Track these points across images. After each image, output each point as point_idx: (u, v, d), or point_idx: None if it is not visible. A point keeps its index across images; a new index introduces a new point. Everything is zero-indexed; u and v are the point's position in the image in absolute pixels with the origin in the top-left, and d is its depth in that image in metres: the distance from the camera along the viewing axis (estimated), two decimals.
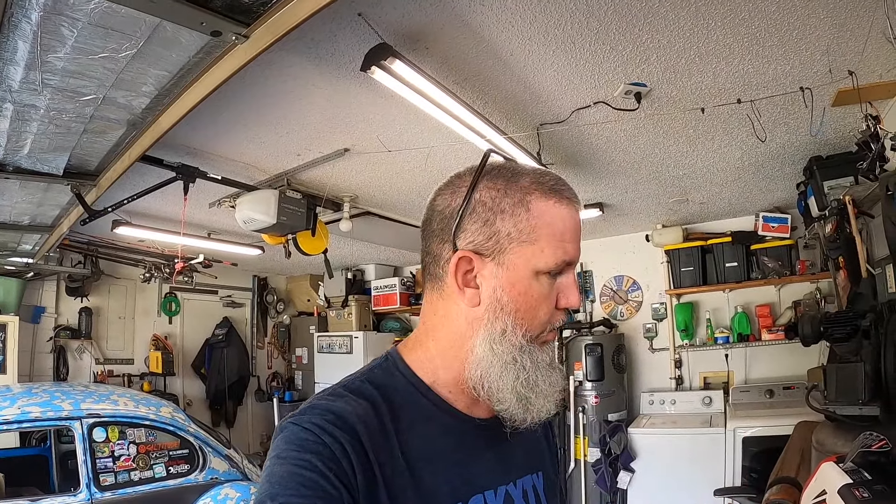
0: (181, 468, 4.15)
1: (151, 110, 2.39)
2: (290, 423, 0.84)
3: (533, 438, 1.08)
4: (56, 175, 3.07)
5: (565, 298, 0.92)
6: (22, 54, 1.95)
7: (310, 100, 2.89)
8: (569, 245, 0.90)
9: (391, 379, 0.94)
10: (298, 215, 3.96)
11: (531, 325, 0.90)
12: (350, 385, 0.92)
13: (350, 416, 0.84)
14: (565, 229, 0.90)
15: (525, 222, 0.89)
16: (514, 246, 0.89)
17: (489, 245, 0.89)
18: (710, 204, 5.12)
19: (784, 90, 2.86)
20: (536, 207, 0.89)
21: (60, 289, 6.30)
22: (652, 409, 5.66)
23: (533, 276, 0.89)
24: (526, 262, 0.89)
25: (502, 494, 0.95)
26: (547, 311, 0.91)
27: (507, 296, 0.90)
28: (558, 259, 0.89)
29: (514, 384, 0.89)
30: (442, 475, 0.89)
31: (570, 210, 0.91)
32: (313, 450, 0.79)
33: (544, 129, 3.25)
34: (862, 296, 3.05)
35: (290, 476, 0.77)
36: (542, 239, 0.88)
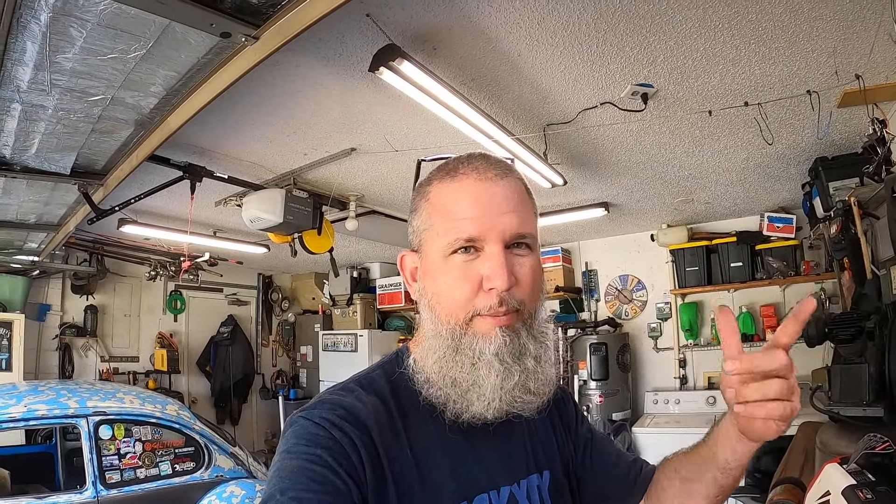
0: (187, 466, 4.16)
1: (160, 110, 2.40)
2: (300, 418, 0.85)
3: (539, 435, 1.07)
4: (63, 174, 3.07)
5: (486, 279, 0.87)
6: (31, 55, 1.95)
7: (318, 100, 2.90)
8: (464, 222, 0.87)
9: (400, 375, 0.94)
10: (305, 214, 3.97)
11: (451, 309, 0.89)
12: (361, 381, 0.93)
13: (360, 412, 0.85)
14: (457, 204, 0.88)
15: (426, 213, 0.93)
16: (424, 236, 0.93)
17: (415, 241, 0.96)
18: (716, 204, 5.12)
19: (791, 92, 2.87)
20: (434, 195, 0.92)
21: (66, 287, 6.32)
22: (656, 408, 5.67)
23: (441, 259, 0.89)
24: (432, 249, 0.91)
25: (506, 494, 0.94)
26: (464, 293, 0.87)
27: (424, 282, 0.94)
28: (451, 238, 0.88)
29: (430, 368, 0.91)
30: (448, 473, 0.89)
31: (463, 183, 0.89)
32: (323, 444, 0.80)
33: (551, 129, 3.26)
34: (866, 297, 3.05)
35: (300, 470, 0.77)
36: (436, 223, 0.91)
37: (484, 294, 0.87)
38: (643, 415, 5.67)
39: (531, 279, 0.90)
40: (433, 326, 0.91)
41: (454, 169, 0.91)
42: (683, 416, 5.37)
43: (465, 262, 0.88)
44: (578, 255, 6.56)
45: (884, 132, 2.63)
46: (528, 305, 0.90)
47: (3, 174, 3.01)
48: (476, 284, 0.87)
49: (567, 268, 6.36)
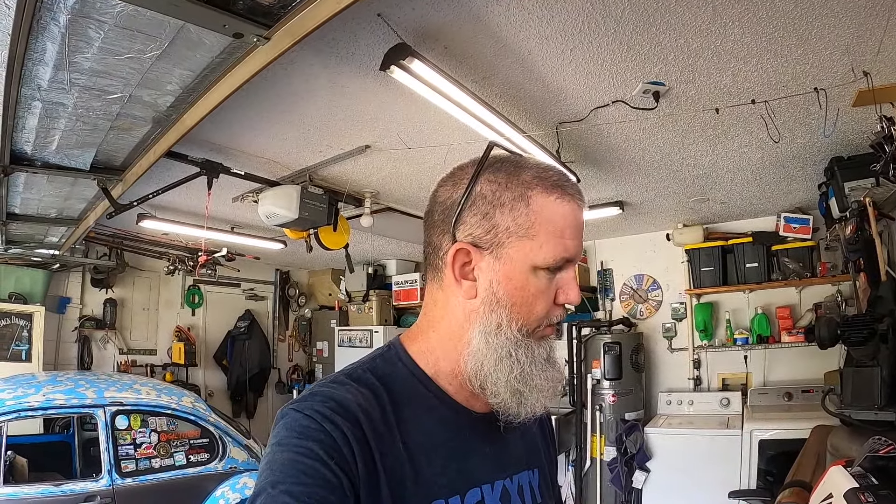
0: (201, 457, 4.23)
1: (176, 108, 2.44)
2: (291, 410, 0.84)
3: (530, 434, 1.09)
4: (83, 170, 3.13)
5: (564, 294, 0.91)
6: (50, 55, 1.99)
7: (331, 98, 2.93)
8: (569, 241, 0.89)
9: (393, 369, 0.94)
10: (320, 210, 4.01)
11: (527, 320, 0.90)
12: (352, 373, 0.92)
13: (352, 405, 0.84)
14: (566, 226, 0.89)
15: (524, 217, 0.88)
16: (513, 240, 0.88)
17: (487, 238, 0.89)
18: (731, 204, 5.09)
19: (803, 90, 2.84)
20: (537, 202, 0.89)
21: (86, 280, 6.41)
22: (669, 409, 5.65)
23: (530, 270, 0.89)
24: (524, 257, 0.88)
25: (499, 489, 0.95)
26: (544, 307, 0.91)
27: (502, 289, 0.89)
28: (557, 255, 0.88)
29: (508, 378, 0.89)
30: (440, 467, 0.89)
31: (571, 206, 0.90)
32: (314, 437, 0.79)
33: (563, 127, 3.26)
34: (882, 299, 3.01)
35: (291, 463, 0.77)
36: (540, 234, 0.88)
37: (555, 307, 0.92)
38: (656, 415, 5.65)
39: None
40: (500, 334, 0.90)
41: (560, 185, 0.91)
42: (697, 418, 5.35)
43: (550, 277, 0.90)
44: (594, 253, 6.56)
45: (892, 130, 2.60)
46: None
47: (25, 169, 3.07)
48: (552, 298, 0.91)
49: (582, 267, 6.35)
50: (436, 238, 0.95)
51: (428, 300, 0.99)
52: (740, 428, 4.78)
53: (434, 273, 0.96)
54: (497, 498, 0.93)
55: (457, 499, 0.88)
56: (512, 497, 0.96)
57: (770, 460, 4.49)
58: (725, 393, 5.46)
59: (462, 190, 0.91)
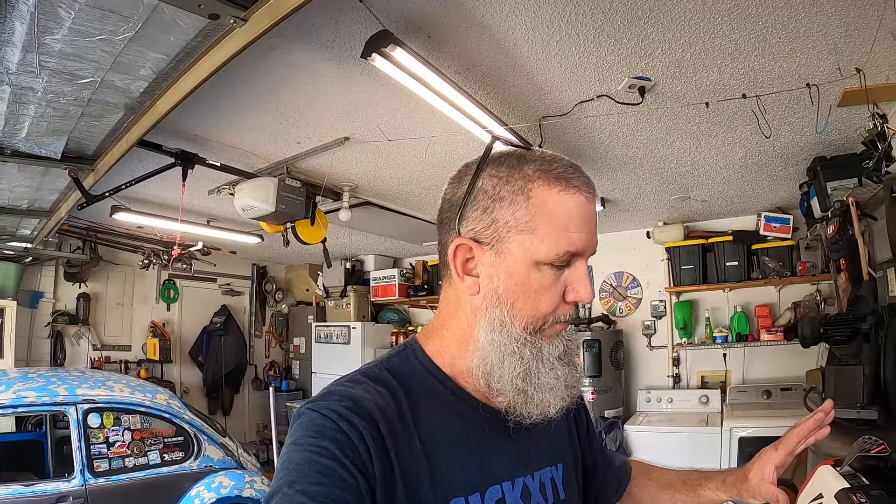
0: (176, 455, 4.16)
1: (149, 94, 2.37)
2: (307, 410, 0.83)
3: (557, 430, 1.07)
4: (54, 159, 3.04)
5: (574, 292, 0.89)
6: (19, 35, 1.93)
7: (311, 87, 2.86)
8: (575, 235, 0.86)
9: (410, 367, 0.94)
10: (297, 204, 3.94)
11: (532, 317, 0.88)
12: (369, 372, 0.92)
13: (368, 404, 0.83)
14: (570, 218, 0.86)
15: (524, 210, 0.86)
16: (513, 235, 0.87)
17: (488, 233, 0.88)
18: (712, 202, 5.11)
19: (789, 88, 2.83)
20: (538, 195, 0.86)
21: (59, 274, 6.30)
22: (649, 406, 5.67)
23: (532, 266, 0.86)
24: (524, 252, 0.86)
25: (520, 486, 0.94)
26: (550, 303, 0.88)
27: (503, 285, 0.88)
28: (560, 250, 0.85)
29: (512, 376, 0.88)
30: (459, 465, 0.88)
31: (577, 198, 0.87)
32: (331, 437, 0.79)
33: (546, 121, 3.23)
34: (863, 298, 3.03)
35: (308, 463, 0.77)
36: (541, 228, 0.85)
37: (564, 304, 0.89)
38: (636, 413, 5.67)
39: None
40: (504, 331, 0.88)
41: (565, 177, 0.87)
42: (676, 415, 5.38)
43: (557, 273, 0.87)
44: None
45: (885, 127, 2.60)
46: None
47: None
48: (561, 295, 0.89)
49: None
50: (443, 236, 0.94)
51: (441, 300, 1.00)
52: (720, 426, 4.81)
53: (445, 271, 0.96)
54: (518, 496, 0.93)
55: (477, 496, 0.87)
56: (533, 494, 0.96)
57: (749, 458, 4.41)
58: (705, 391, 5.49)
59: (465, 186, 0.90)
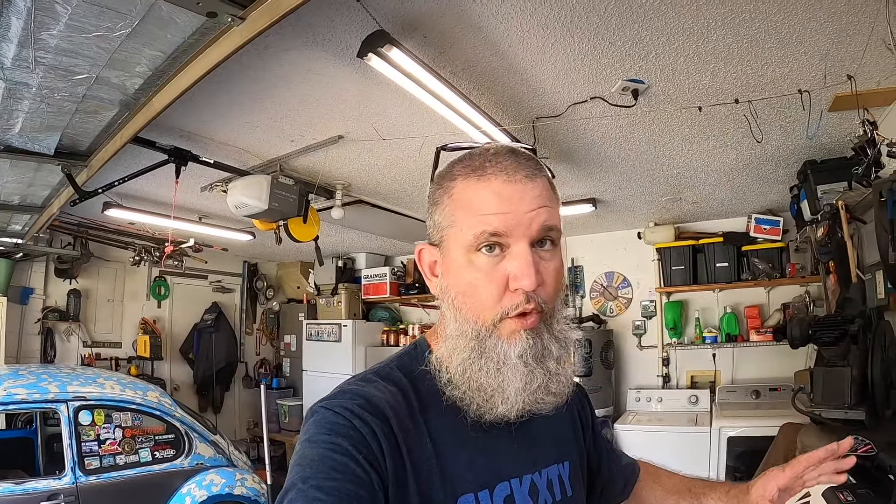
0: (167, 453, 4.18)
1: (144, 91, 2.37)
2: (320, 408, 0.85)
3: (561, 427, 1.09)
4: (47, 155, 3.05)
5: (514, 279, 0.86)
6: (15, 31, 1.93)
7: (306, 86, 2.86)
8: (491, 216, 0.86)
9: (418, 367, 0.95)
10: (290, 201, 3.93)
11: (476, 309, 0.88)
12: (380, 371, 0.94)
13: (380, 402, 0.85)
14: (485, 202, 0.87)
15: (449, 208, 0.91)
16: (446, 232, 0.91)
17: (435, 235, 0.94)
18: (703, 204, 5.14)
19: (782, 92, 2.87)
20: (457, 191, 0.90)
21: (49, 270, 6.25)
22: (639, 405, 5.70)
23: (464, 257, 0.88)
24: (455, 245, 0.90)
25: (527, 483, 0.95)
26: (490, 294, 0.87)
27: (447, 280, 0.93)
28: (476, 231, 0.86)
29: (454, 371, 0.90)
30: (467, 463, 0.89)
31: (494, 182, 0.87)
32: (344, 433, 0.81)
33: (540, 122, 3.25)
34: (851, 300, 3.08)
35: (322, 459, 0.78)
36: (460, 219, 0.89)
37: (510, 294, 0.87)
38: (625, 412, 5.70)
39: (555, 279, 0.90)
40: (457, 325, 0.91)
41: (481, 167, 0.89)
42: (666, 415, 5.41)
43: (490, 261, 0.87)
44: (565, 250, 6.43)
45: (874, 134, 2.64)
46: (550, 305, 0.90)
47: None
48: (502, 285, 0.87)
49: None
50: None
51: None
52: (709, 425, 4.85)
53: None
54: (526, 492, 0.94)
55: (486, 493, 0.89)
56: (541, 491, 0.97)
57: (738, 457, 4.57)
58: (694, 390, 5.53)
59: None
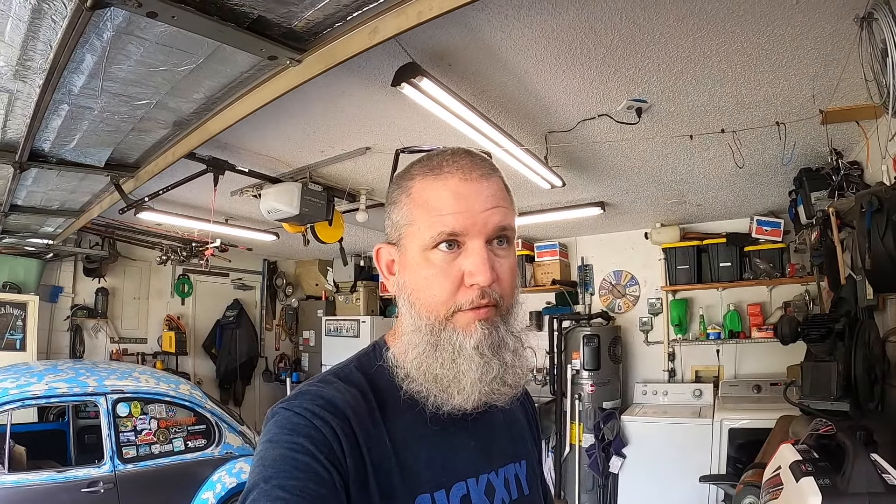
0: (198, 443, 4.35)
1: (197, 114, 2.58)
2: (281, 409, 0.85)
3: (517, 426, 1.11)
4: (97, 167, 3.22)
5: (469, 275, 0.88)
6: (87, 65, 2.11)
7: (338, 103, 3.09)
8: (448, 216, 0.88)
9: (378, 368, 0.95)
10: (319, 207, 4.16)
11: (430, 304, 0.90)
12: (339, 373, 0.94)
13: (339, 402, 0.85)
14: (442, 202, 0.89)
15: (407, 207, 0.93)
16: (404, 230, 0.93)
17: (393, 235, 0.96)
18: (707, 206, 5.31)
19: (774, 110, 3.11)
20: (415, 191, 0.92)
21: (78, 269, 6.47)
22: (645, 398, 5.86)
23: (420, 255, 0.91)
24: (411, 243, 0.92)
25: (484, 482, 0.95)
26: (444, 289, 0.89)
27: (403, 277, 0.95)
28: (434, 232, 0.88)
29: (413, 366, 0.91)
30: (425, 462, 0.90)
31: (448, 182, 0.90)
32: (304, 433, 0.81)
33: (552, 136, 3.47)
34: (844, 300, 3.22)
35: (283, 459, 0.78)
36: (417, 218, 0.90)
37: (465, 289, 0.89)
38: (632, 404, 5.85)
39: (510, 275, 0.92)
40: (412, 321, 0.92)
41: (438, 167, 0.91)
42: (671, 407, 5.56)
43: (447, 258, 0.89)
44: (575, 249, 6.74)
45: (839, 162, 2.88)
46: (506, 300, 0.92)
47: (40, 165, 3.14)
48: (457, 280, 0.89)
49: (564, 262, 6.54)
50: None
51: None
52: (711, 417, 5.00)
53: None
54: (482, 492, 0.94)
55: (442, 493, 0.89)
56: (497, 490, 0.97)
57: (739, 448, 4.71)
58: (698, 384, 5.68)
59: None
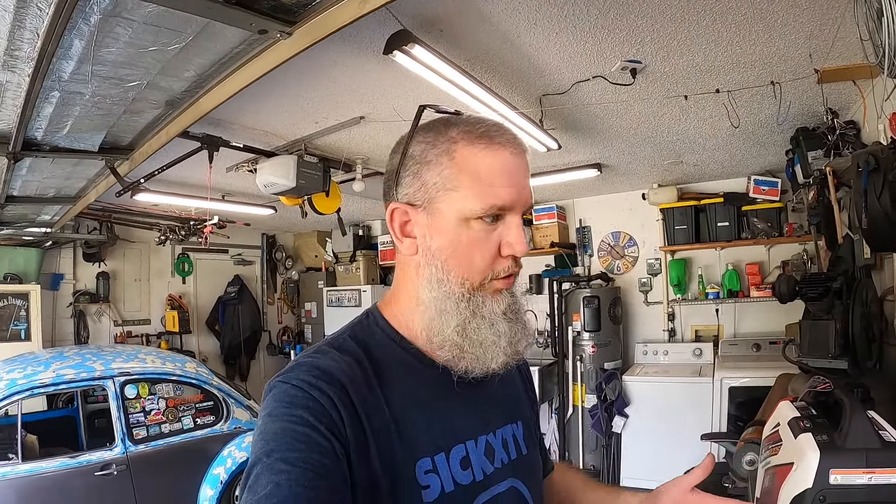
0: (207, 419, 4.42)
1: (189, 92, 2.55)
2: (278, 382, 0.86)
3: (513, 387, 1.12)
4: (91, 151, 3.18)
5: (508, 246, 0.91)
6: (76, 50, 2.07)
7: (331, 74, 3.05)
8: (500, 189, 0.89)
9: (372, 335, 0.96)
10: (315, 178, 4.13)
11: (468, 273, 0.91)
12: (334, 342, 0.94)
13: (336, 371, 0.86)
14: (493, 173, 0.89)
15: (448, 170, 0.90)
16: (441, 194, 0.90)
17: (419, 196, 0.92)
18: (704, 166, 5.29)
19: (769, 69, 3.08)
20: (461, 154, 0.89)
21: (78, 255, 6.49)
22: (645, 358, 5.94)
23: (460, 222, 0.90)
24: (451, 209, 0.90)
25: (483, 444, 0.96)
26: (483, 259, 0.91)
27: (435, 243, 0.92)
28: (486, 204, 0.88)
29: (450, 332, 0.91)
30: (424, 426, 0.90)
31: (501, 154, 0.90)
32: (303, 405, 0.81)
33: (547, 99, 3.44)
34: (842, 259, 3.21)
35: (284, 432, 0.79)
36: (464, 185, 0.89)
37: (501, 259, 0.92)
38: (633, 364, 5.95)
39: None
40: (442, 288, 0.91)
41: (487, 135, 0.90)
42: (671, 367, 5.65)
43: (487, 228, 0.90)
44: (573, 212, 6.75)
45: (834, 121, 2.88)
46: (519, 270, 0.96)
47: (34, 154, 3.10)
48: (496, 250, 0.91)
49: (562, 224, 6.55)
50: (386, 205, 0.99)
51: (396, 266, 1.03)
52: (712, 376, 5.07)
53: (394, 239, 0.99)
54: (482, 453, 0.96)
55: (442, 456, 0.90)
56: (496, 451, 0.99)
57: (739, 406, 4.78)
58: (698, 344, 5.74)
59: (399, 155, 0.95)
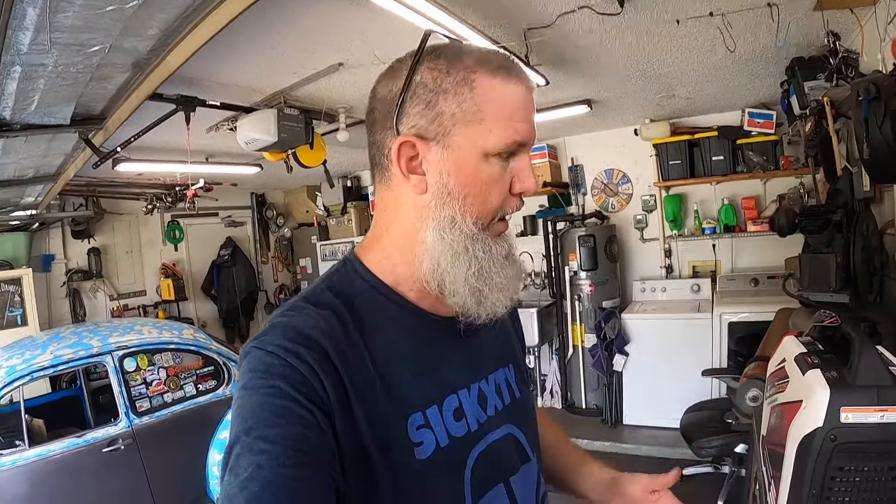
0: (209, 384, 4.42)
1: (156, 51, 2.41)
2: (253, 348, 0.80)
3: (502, 331, 1.07)
4: (64, 125, 3.07)
5: (520, 182, 0.87)
6: (31, 19, 1.96)
7: (303, 22, 2.91)
8: (520, 124, 0.85)
9: (351, 284, 0.90)
10: (297, 131, 4.03)
11: (482, 212, 0.86)
12: (310, 297, 0.88)
13: (313, 331, 0.80)
14: (515, 108, 0.85)
15: (470, 101, 0.83)
16: (459, 127, 0.83)
17: (432, 128, 0.84)
18: (697, 99, 5.17)
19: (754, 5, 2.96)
20: (481, 85, 0.83)
21: (66, 233, 6.42)
22: (644, 296, 5.95)
23: (481, 157, 0.84)
24: (473, 144, 0.84)
25: (475, 391, 0.93)
26: (499, 196, 0.87)
27: (453, 180, 0.85)
28: (508, 139, 0.84)
29: (467, 275, 0.86)
30: (413, 380, 0.85)
31: (518, 87, 0.86)
32: (280, 374, 0.75)
33: (531, 32, 3.29)
34: (840, 192, 3.15)
35: (261, 406, 0.74)
36: (488, 118, 0.83)
37: (511, 198, 0.88)
38: (632, 302, 5.95)
39: None
40: (455, 229, 0.85)
41: (505, 67, 0.85)
42: (670, 303, 5.66)
43: (503, 165, 0.85)
44: (564, 150, 6.64)
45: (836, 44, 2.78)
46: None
47: (4, 135, 2.98)
48: (507, 187, 0.87)
49: (553, 163, 6.44)
50: (379, 136, 0.89)
51: (378, 205, 0.95)
52: (710, 312, 5.08)
53: (381, 174, 0.91)
54: (475, 401, 0.92)
55: (434, 409, 0.86)
56: (489, 397, 0.96)
57: (739, 341, 4.81)
58: (696, 280, 5.75)
59: (401, 82, 0.86)
